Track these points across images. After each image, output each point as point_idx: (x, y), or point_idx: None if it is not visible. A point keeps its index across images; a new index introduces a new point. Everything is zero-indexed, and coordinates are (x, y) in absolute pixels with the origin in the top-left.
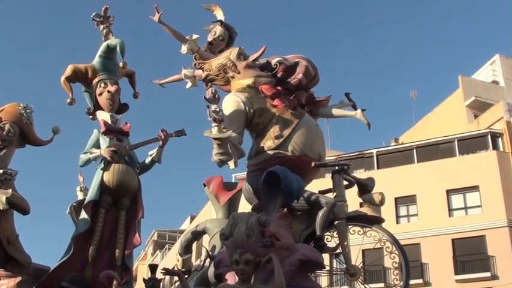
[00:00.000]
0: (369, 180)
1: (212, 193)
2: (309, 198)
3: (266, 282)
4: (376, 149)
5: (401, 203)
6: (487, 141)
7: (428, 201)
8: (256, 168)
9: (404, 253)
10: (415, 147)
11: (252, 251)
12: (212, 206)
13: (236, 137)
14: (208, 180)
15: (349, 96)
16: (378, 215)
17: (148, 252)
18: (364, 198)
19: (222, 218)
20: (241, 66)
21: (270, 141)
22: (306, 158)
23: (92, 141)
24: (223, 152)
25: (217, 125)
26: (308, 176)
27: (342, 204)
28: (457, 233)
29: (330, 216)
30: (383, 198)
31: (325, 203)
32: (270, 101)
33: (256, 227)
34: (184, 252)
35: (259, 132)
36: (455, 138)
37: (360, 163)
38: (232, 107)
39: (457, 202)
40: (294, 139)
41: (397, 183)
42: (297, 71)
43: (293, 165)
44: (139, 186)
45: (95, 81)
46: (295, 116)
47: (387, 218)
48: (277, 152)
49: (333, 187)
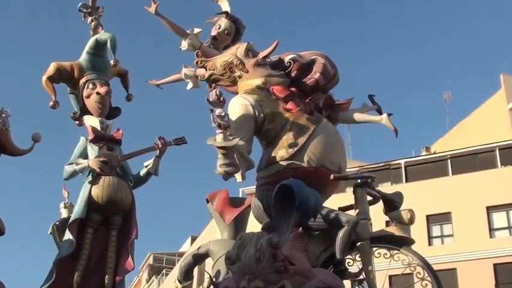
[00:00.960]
0: (397, 195)
1: (216, 210)
2: (328, 215)
3: None
4: (405, 160)
5: (434, 221)
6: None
7: (465, 219)
8: (267, 182)
9: (438, 280)
10: (449, 157)
11: (263, 277)
12: (216, 225)
13: (244, 146)
14: (212, 195)
15: (373, 98)
16: (407, 236)
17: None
18: (391, 216)
19: (228, 239)
20: (249, 64)
21: (282, 150)
22: (324, 170)
23: (78, 150)
24: (229, 162)
25: (223, 132)
26: (326, 190)
27: (366, 223)
28: (499, 257)
29: (351, 236)
30: (413, 216)
31: (346, 222)
32: (282, 104)
33: (267, 250)
34: (184, 278)
35: (270, 140)
36: (496, 146)
37: (386, 175)
38: (240, 111)
39: (499, 221)
40: (311, 148)
41: (429, 199)
42: (313, 70)
43: (309, 177)
44: (132, 202)
45: (81, 81)
46: (312, 122)
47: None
48: (291, 162)
49: (355, 203)
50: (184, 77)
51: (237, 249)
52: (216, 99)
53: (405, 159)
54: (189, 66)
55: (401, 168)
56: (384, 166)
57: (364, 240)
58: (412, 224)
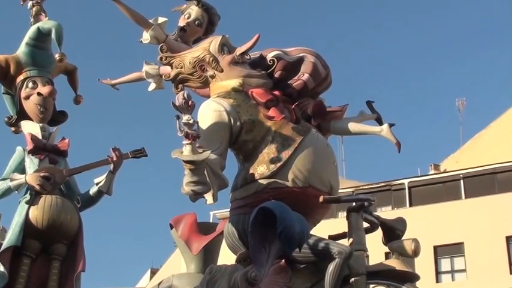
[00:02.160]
0: (399, 221)
1: (181, 238)
2: (316, 245)
3: None
4: (409, 179)
5: (443, 253)
6: None
7: (480, 251)
8: (244, 204)
9: None
10: (462, 177)
11: None
12: (181, 255)
13: (216, 160)
14: (177, 219)
15: (372, 105)
16: (411, 271)
17: None
18: (391, 247)
19: (195, 273)
20: (224, 62)
21: (263, 166)
22: (312, 190)
23: (13, 163)
24: (198, 180)
25: (191, 143)
26: (315, 214)
27: (361, 255)
28: None
29: (344, 271)
30: (418, 246)
31: (337, 253)
32: (263, 111)
33: (242, 286)
34: None
35: (248, 153)
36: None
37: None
38: (212, 118)
39: None
40: (296, 164)
41: (437, 227)
42: (301, 70)
43: (294, 199)
44: (79, 227)
45: (19, 78)
46: (298, 132)
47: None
48: (273, 181)
49: (349, 231)
50: (145, 76)
51: (206, 285)
52: (183, 104)
53: (409, 179)
54: (151, 63)
55: (404, 190)
56: (384, 187)
57: (359, 276)
58: (416, 256)
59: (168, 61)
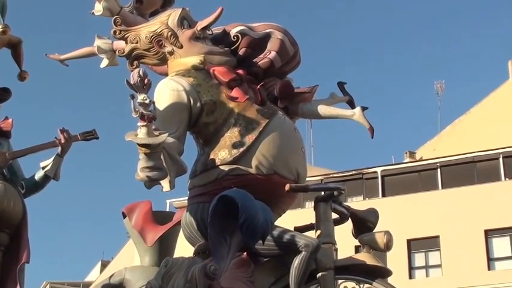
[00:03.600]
0: (370, 213)
1: (135, 228)
2: (281, 237)
3: None
4: (382, 168)
5: (417, 248)
6: None
7: (457, 246)
8: (203, 192)
9: None
10: (439, 165)
11: None
12: (134, 247)
13: (174, 144)
14: (130, 208)
15: (344, 87)
16: (383, 265)
17: None
18: (362, 240)
19: (149, 266)
20: (184, 37)
21: (224, 151)
22: (278, 178)
23: None
24: (153, 165)
25: (146, 125)
26: (280, 204)
27: (329, 248)
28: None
29: (310, 265)
30: (390, 240)
31: (304, 246)
32: (226, 91)
33: (200, 281)
34: None
35: (209, 137)
36: (499, 153)
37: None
38: (170, 98)
39: (500, 248)
40: (261, 149)
41: (411, 219)
42: (267, 48)
43: (258, 187)
44: (24, 215)
45: None
46: (263, 115)
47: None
48: (235, 167)
49: (317, 222)
50: (97, 51)
51: (162, 279)
52: (138, 82)
53: (382, 167)
54: (104, 37)
55: (377, 179)
56: (355, 175)
57: (326, 271)
58: (389, 250)
59: (123, 35)
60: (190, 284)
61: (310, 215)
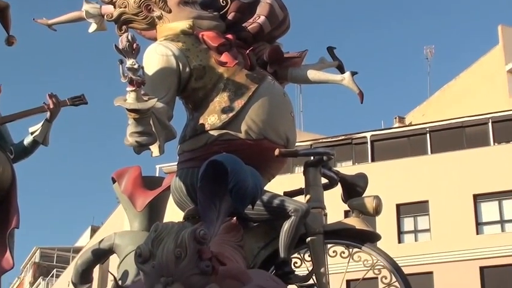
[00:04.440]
0: (360, 177)
1: (125, 193)
2: (270, 202)
3: None
4: (372, 133)
5: (406, 212)
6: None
7: (446, 210)
8: (193, 157)
9: (410, 286)
10: (429, 130)
11: (183, 280)
12: (124, 212)
13: (163, 109)
14: (120, 173)
15: (333, 52)
16: (372, 230)
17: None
18: (351, 205)
19: (139, 231)
20: (173, 2)
21: (214, 116)
22: (267, 143)
23: None
24: (142, 130)
25: (135, 90)
26: (269, 169)
27: (319, 213)
28: (487, 259)
29: (300, 229)
30: (379, 204)
31: (293, 211)
32: (215, 56)
33: (190, 245)
34: (80, 281)
35: (198, 102)
36: (489, 118)
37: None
38: (159, 63)
39: (489, 213)
40: (250, 114)
41: (400, 184)
42: (256, 12)
43: (248, 152)
44: (13, 181)
45: None
46: (253, 80)
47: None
48: (225, 132)
49: (306, 187)
50: (85, 16)
51: (151, 243)
52: (127, 47)
53: (372, 132)
54: (92, 2)
55: (366, 144)
56: (344, 140)
57: (316, 235)
58: (378, 214)
59: (111, 0)
60: (180, 248)
61: (299, 180)
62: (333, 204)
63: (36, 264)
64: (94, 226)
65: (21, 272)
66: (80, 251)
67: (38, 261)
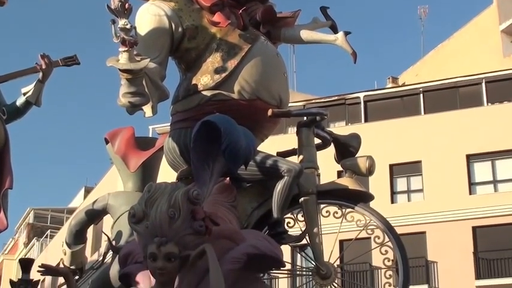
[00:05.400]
0: (353, 138)
1: (118, 154)
2: (263, 163)
3: (197, 286)
4: (365, 93)
5: (399, 172)
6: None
7: (439, 171)
8: (185, 117)
9: (402, 246)
10: (422, 91)
11: (177, 240)
12: (117, 173)
13: (156, 69)
14: (113, 134)
15: (326, 12)
16: (365, 190)
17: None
18: (344, 165)
19: (132, 191)
20: None
21: (207, 76)
22: (260, 103)
23: None
24: (135, 91)
25: (128, 51)
26: (262, 129)
27: (312, 173)
28: (480, 218)
29: (293, 190)
30: (372, 165)
31: (286, 171)
32: (208, 16)
33: (183, 205)
34: (74, 241)
35: (190, 62)
36: (482, 78)
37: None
38: (151, 23)
39: (482, 173)
40: (243, 74)
41: (394, 144)
42: None
43: (241, 113)
44: (6, 141)
45: None
46: (246, 40)
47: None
48: (218, 92)
49: (299, 147)
50: None
51: (145, 204)
52: (119, 7)
53: (365, 93)
54: None
55: (359, 104)
56: (337, 101)
57: (309, 195)
58: (371, 174)
59: None
60: (173, 209)
61: (292, 141)
62: (326, 164)
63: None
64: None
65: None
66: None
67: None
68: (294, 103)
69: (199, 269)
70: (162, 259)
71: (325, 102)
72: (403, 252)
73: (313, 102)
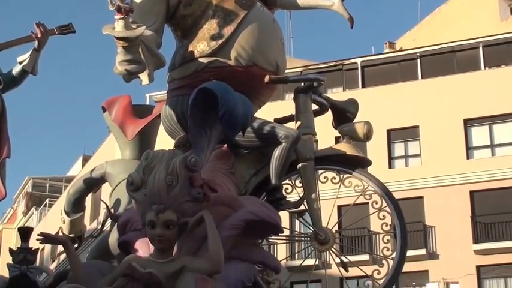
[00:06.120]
0: (350, 103)
1: (115, 122)
2: (261, 129)
3: (195, 252)
4: (362, 58)
5: (397, 137)
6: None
7: (436, 135)
8: (182, 85)
9: (400, 211)
10: (419, 55)
11: (175, 207)
12: (115, 141)
13: (152, 37)
14: (110, 102)
15: None
16: (362, 155)
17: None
18: (342, 130)
19: (130, 159)
20: None
21: (203, 43)
22: (257, 70)
23: None
24: (132, 59)
25: (123, 18)
26: (259, 96)
27: (309, 139)
28: (478, 183)
29: (291, 156)
30: (370, 130)
31: (284, 137)
32: None
33: (181, 172)
34: (72, 209)
35: (187, 29)
36: (479, 42)
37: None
38: None
39: (479, 137)
40: (240, 41)
41: (391, 109)
42: None
43: (237, 79)
44: (3, 110)
45: None
46: (242, 6)
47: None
48: (214, 59)
49: (296, 113)
50: None
51: (143, 171)
52: None
53: (362, 58)
54: None
55: (357, 70)
56: (334, 66)
57: (306, 161)
58: (368, 140)
59: None
60: (171, 176)
61: (290, 107)
62: (324, 130)
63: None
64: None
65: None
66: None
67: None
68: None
69: (198, 236)
70: (161, 226)
71: (322, 68)
72: (401, 217)
73: (310, 68)
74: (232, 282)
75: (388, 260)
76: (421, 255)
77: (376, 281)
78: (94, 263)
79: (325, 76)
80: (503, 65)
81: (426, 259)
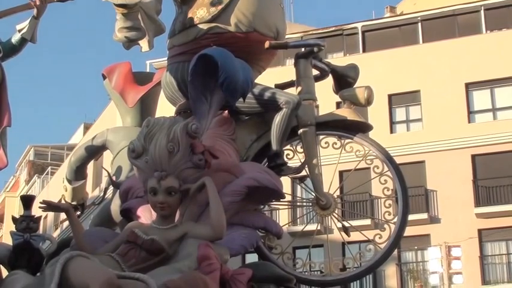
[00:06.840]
0: (351, 68)
1: (116, 89)
2: (261, 95)
3: (198, 219)
4: (362, 23)
5: (398, 102)
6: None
7: (438, 100)
8: (183, 51)
9: (401, 176)
10: (420, 19)
11: (177, 174)
12: (116, 108)
13: (151, 4)
14: (110, 69)
15: None
16: (364, 120)
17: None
18: (343, 95)
19: (131, 126)
20: None
21: (202, 9)
22: (257, 35)
23: None
24: (131, 26)
25: None
26: (260, 62)
27: (310, 104)
28: (479, 147)
29: (292, 121)
30: (371, 95)
31: (284, 103)
32: None
33: (182, 139)
34: (75, 177)
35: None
36: (481, 6)
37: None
38: None
39: (480, 101)
40: (239, 7)
41: (392, 74)
42: None
43: (238, 45)
44: (2, 79)
45: None
46: None
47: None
48: (214, 25)
49: (297, 79)
50: None
51: (144, 139)
52: None
53: (363, 23)
54: None
55: (357, 34)
56: (335, 31)
57: (307, 127)
58: (369, 105)
59: None
60: (172, 143)
61: (290, 72)
62: (325, 95)
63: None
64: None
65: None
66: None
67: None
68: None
69: (200, 202)
70: (163, 193)
71: (323, 33)
72: (403, 181)
73: (310, 34)
74: (235, 248)
75: (390, 225)
76: (422, 219)
77: (378, 245)
78: (96, 230)
79: (325, 41)
80: (505, 28)
81: (428, 223)
